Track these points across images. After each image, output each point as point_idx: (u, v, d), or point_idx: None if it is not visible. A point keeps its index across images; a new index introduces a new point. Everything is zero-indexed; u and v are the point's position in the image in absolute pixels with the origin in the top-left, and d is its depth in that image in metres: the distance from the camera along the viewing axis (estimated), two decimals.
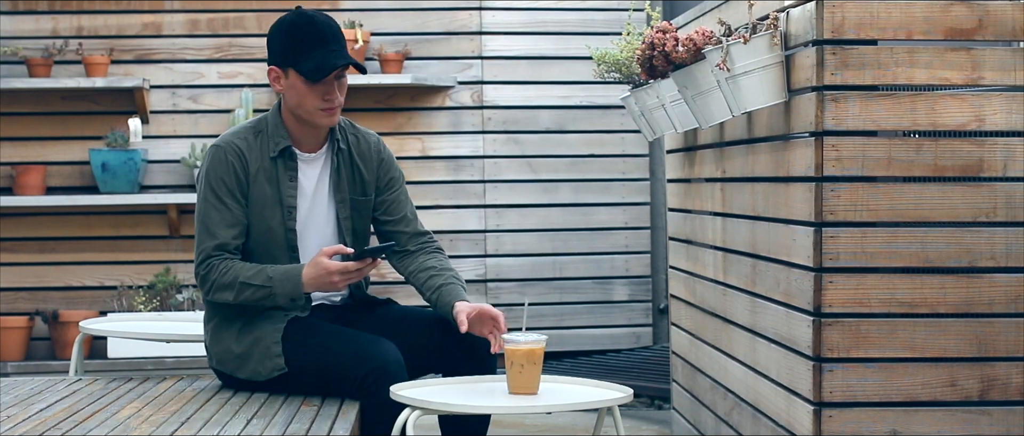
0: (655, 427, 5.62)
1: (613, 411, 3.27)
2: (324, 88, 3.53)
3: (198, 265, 3.55)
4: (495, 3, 6.72)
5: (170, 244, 6.52)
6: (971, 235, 3.25)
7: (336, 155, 3.64)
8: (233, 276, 3.50)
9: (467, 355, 3.55)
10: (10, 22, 6.48)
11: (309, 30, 3.52)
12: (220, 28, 6.58)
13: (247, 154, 3.57)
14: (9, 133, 6.46)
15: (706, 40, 3.60)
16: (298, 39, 3.52)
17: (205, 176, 3.57)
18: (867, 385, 3.25)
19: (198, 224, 3.58)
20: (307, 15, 3.54)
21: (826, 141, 3.23)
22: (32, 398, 3.57)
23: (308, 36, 3.52)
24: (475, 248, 6.68)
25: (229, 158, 3.55)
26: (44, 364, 6.31)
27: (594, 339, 6.78)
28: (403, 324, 3.66)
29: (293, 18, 3.55)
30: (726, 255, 4.09)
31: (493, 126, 6.70)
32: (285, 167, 3.59)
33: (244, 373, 3.56)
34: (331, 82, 3.53)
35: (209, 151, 3.59)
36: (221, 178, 3.54)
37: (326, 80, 3.51)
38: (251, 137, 3.59)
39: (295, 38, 3.53)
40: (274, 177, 3.57)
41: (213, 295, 3.54)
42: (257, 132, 3.61)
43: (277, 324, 3.54)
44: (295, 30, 3.53)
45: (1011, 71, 3.23)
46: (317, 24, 3.53)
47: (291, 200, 3.58)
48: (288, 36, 3.54)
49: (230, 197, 3.54)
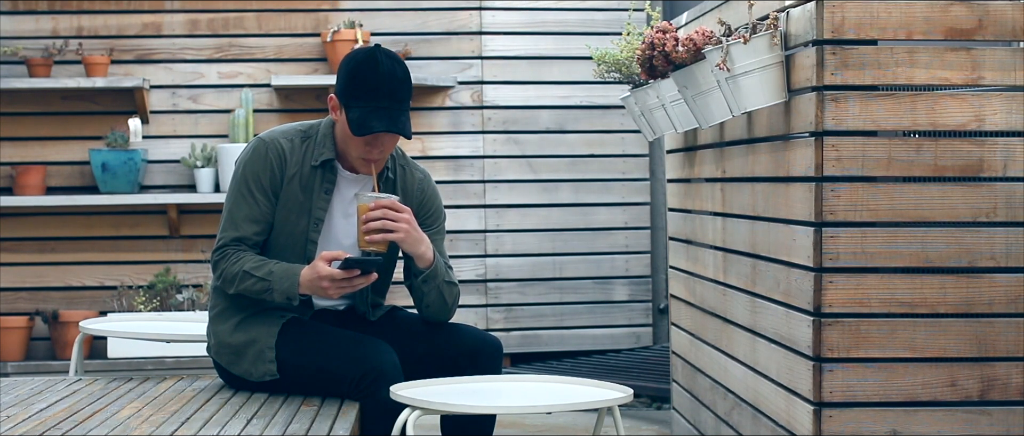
0: (655, 427, 5.62)
1: (613, 411, 3.27)
2: (366, 141, 3.43)
3: (214, 251, 3.55)
4: (495, 3, 6.72)
5: (170, 244, 6.52)
6: (971, 235, 3.25)
7: (382, 183, 3.58)
8: (239, 266, 3.49)
9: (470, 363, 3.53)
10: (10, 22, 6.48)
11: (368, 77, 3.39)
12: (220, 28, 6.58)
13: (289, 155, 3.53)
14: (9, 133, 6.46)
15: (706, 40, 3.60)
16: (357, 81, 3.41)
17: (242, 167, 3.54)
18: (867, 385, 3.25)
19: (225, 212, 3.56)
20: (375, 59, 3.41)
21: (826, 141, 3.23)
22: (32, 398, 3.57)
23: (365, 83, 3.39)
24: (475, 248, 6.68)
25: (269, 155, 3.52)
26: (44, 364, 6.31)
27: (594, 339, 6.78)
28: (404, 330, 3.64)
29: (363, 56, 3.42)
30: (726, 255, 4.09)
31: (493, 126, 6.70)
32: (323, 179, 3.54)
33: (237, 370, 3.56)
34: (373, 139, 3.43)
35: (251, 143, 3.56)
36: (257, 173, 3.52)
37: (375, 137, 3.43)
38: (297, 140, 3.55)
39: (355, 80, 3.41)
40: (310, 186, 3.54)
41: (220, 282, 3.55)
42: (306, 137, 3.56)
43: (272, 327, 3.53)
44: (358, 71, 3.41)
45: (1011, 71, 3.23)
46: (379, 74, 3.39)
47: (320, 212, 3.54)
48: (350, 74, 3.43)
49: (261, 193, 3.52)
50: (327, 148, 3.53)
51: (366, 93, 3.40)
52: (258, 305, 3.56)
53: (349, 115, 3.42)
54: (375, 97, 3.39)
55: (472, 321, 6.63)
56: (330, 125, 3.57)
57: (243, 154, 3.57)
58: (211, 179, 6.39)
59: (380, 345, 3.47)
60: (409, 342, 3.59)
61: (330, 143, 3.54)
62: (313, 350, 3.49)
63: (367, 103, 3.40)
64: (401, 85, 3.42)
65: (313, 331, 3.54)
